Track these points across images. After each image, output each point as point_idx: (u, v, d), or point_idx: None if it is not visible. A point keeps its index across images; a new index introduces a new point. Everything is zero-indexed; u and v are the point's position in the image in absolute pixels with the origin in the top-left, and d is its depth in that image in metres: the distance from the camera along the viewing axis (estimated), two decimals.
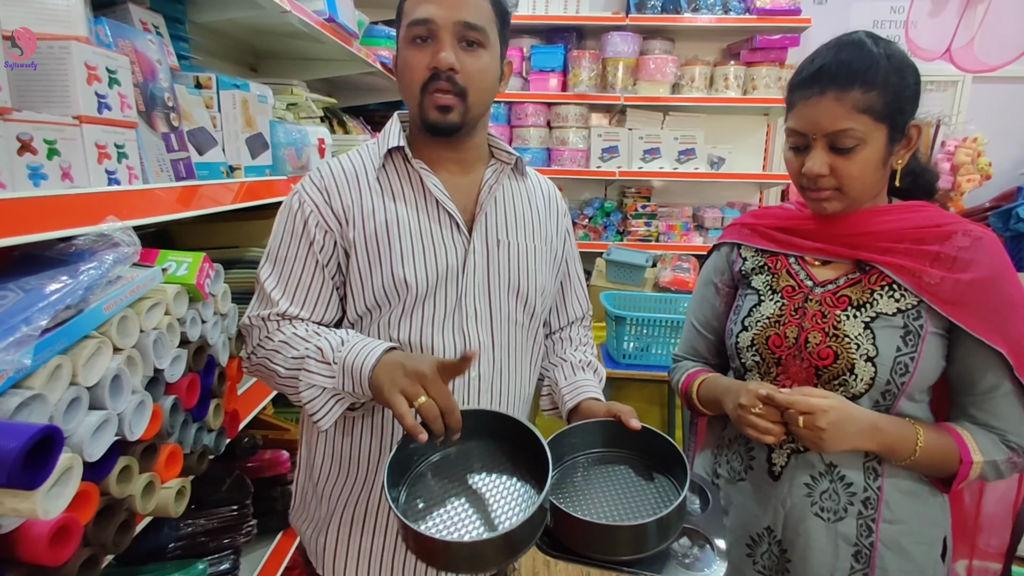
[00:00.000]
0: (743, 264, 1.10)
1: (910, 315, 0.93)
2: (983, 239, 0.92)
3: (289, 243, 0.99)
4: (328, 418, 0.90)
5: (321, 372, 0.89)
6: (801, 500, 0.98)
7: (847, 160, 0.91)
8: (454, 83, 0.93)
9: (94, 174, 0.86)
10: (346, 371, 0.87)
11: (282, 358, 0.93)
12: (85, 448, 0.72)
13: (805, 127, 0.93)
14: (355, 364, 0.86)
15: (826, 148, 0.92)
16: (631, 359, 2.54)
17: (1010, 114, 3.52)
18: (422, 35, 0.93)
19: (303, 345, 0.92)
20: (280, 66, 2.20)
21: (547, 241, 1.09)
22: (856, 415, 0.90)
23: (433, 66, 0.92)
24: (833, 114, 0.89)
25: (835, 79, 0.89)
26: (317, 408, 0.90)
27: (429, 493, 0.85)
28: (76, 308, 0.74)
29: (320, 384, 0.89)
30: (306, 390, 0.90)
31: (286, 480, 1.56)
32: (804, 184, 0.96)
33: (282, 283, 0.98)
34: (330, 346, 0.89)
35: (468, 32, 0.93)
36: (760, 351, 1.02)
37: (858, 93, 0.89)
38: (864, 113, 0.89)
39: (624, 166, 3.42)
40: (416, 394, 0.79)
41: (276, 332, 0.96)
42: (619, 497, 0.91)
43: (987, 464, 0.92)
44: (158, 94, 1.07)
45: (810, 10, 3.39)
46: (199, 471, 1.02)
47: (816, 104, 0.91)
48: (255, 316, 0.98)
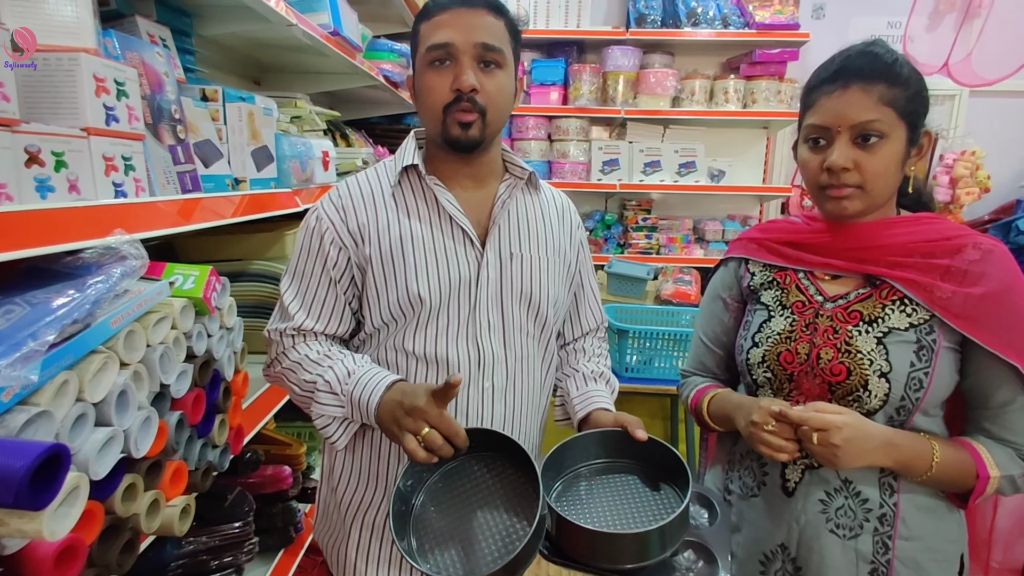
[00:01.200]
0: (752, 279, 1.10)
1: (922, 330, 0.92)
2: (993, 252, 0.91)
3: (307, 260, 1.03)
4: (342, 439, 0.97)
5: (331, 403, 0.95)
6: (816, 516, 0.97)
7: (871, 155, 0.91)
8: (475, 103, 0.96)
9: (101, 187, 0.85)
10: (354, 405, 0.93)
11: (296, 378, 1.00)
12: (91, 466, 0.71)
13: (829, 120, 0.92)
14: (361, 400, 0.92)
15: (850, 141, 0.92)
16: (634, 372, 2.53)
17: (1008, 128, 3.54)
18: (442, 58, 0.96)
19: (315, 370, 0.97)
20: (284, 79, 2.21)
21: (560, 253, 1.10)
22: (871, 431, 0.89)
23: (456, 88, 0.95)
24: (860, 104, 0.90)
25: (861, 73, 0.90)
26: (331, 432, 0.97)
27: (433, 531, 0.88)
28: (83, 323, 0.73)
29: (331, 414, 0.96)
30: (318, 418, 0.96)
31: (287, 496, 1.54)
32: (824, 182, 0.95)
33: (299, 297, 1.03)
34: (337, 379, 0.95)
35: (487, 53, 0.96)
36: (772, 367, 1.01)
37: (883, 87, 0.90)
38: (889, 106, 0.90)
39: (625, 179, 3.43)
40: (419, 428, 0.84)
41: (292, 350, 1.02)
42: (623, 506, 0.91)
43: (1004, 479, 0.90)
44: (165, 106, 1.06)
45: (809, 25, 3.42)
46: (203, 488, 1.00)
47: (841, 96, 0.91)
48: (273, 330, 1.04)
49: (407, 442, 0.84)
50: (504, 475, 0.91)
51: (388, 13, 2.57)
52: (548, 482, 0.94)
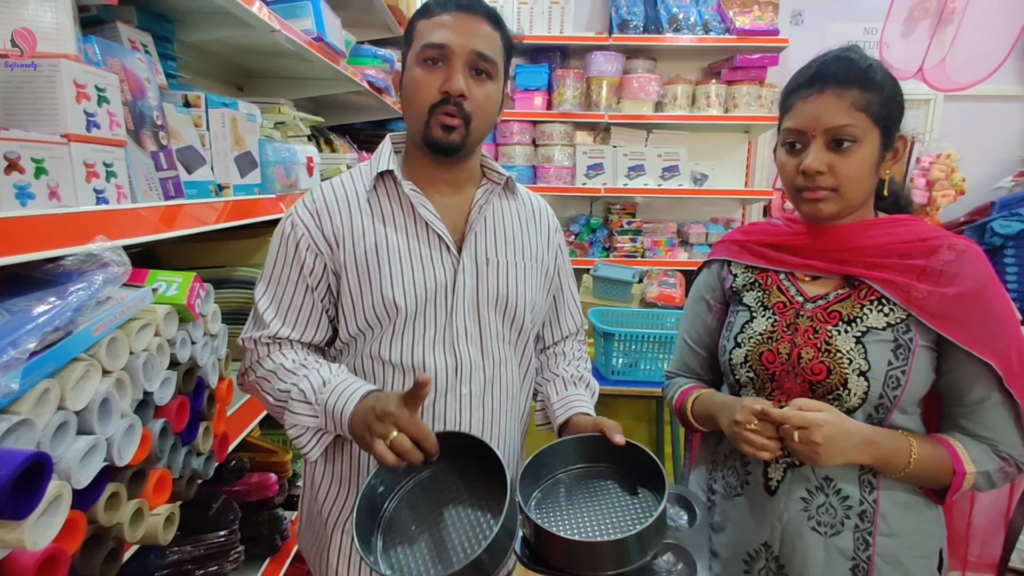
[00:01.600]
0: (734, 280, 1.11)
1: (899, 329, 0.94)
2: (967, 252, 0.94)
3: (282, 266, 1.01)
4: (314, 451, 0.96)
5: (304, 412, 0.94)
6: (798, 515, 0.98)
7: (844, 158, 0.93)
8: (461, 108, 0.95)
9: (82, 193, 0.84)
10: (328, 415, 0.92)
11: (271, 387, 0.98)
12: (73, 475, 0.70)
13: (805, 124, 0.94)
14: (335, 410, 0.91)
15: (824, 145, 0.94)
16: (620, 375, 2.54)
17: (982, 131, 3.62)
18: (435, 58, 0.95)
19: (289, 379, 0.96)
20: (267, 85, 2.20)
21: (537, 258, 1.10)
22: (851, 429, 0.91)
23: (444, 90, 0.94)
24: (834, 110, 0.92)
25: (835, 78, 0.92)
26: (303, 443, 0.95)
27: (402, 533, 0.88)
28: (64, 330, 0.72)
29: (304, 424, 0.94)
30: (291, 428, 0.95)
31: (273, 504, 1.53)
32: (800, 184, 0.97)
33: (274, 305, 1.01)
34: (312, 388, 0.94)
35: (480, 62, 0.96)
36: (754, 367, 1.02)
37: (857, 92, 0.92)
38: (862, 111, 0.92)
39: (609, 183, 3.45)
40: (387, 433, 0.83)
41: (266, 359, 1.00)
42: (602, 512, 0.92)
43: (980, 474, 0.93)
44: (147, 112, 1.06)
45: (788, 31, 3.48)
46: (188, 496, 0.99)
47: (816, 100, 0.93)
48: (248, 338, 1.01)
49: (376, 446, 0.83)
50: (477, 479, 0.91)
51: (372, 19, 2.58)
52: (527, 489, 0.94)
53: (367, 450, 0.87)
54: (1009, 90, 3.58)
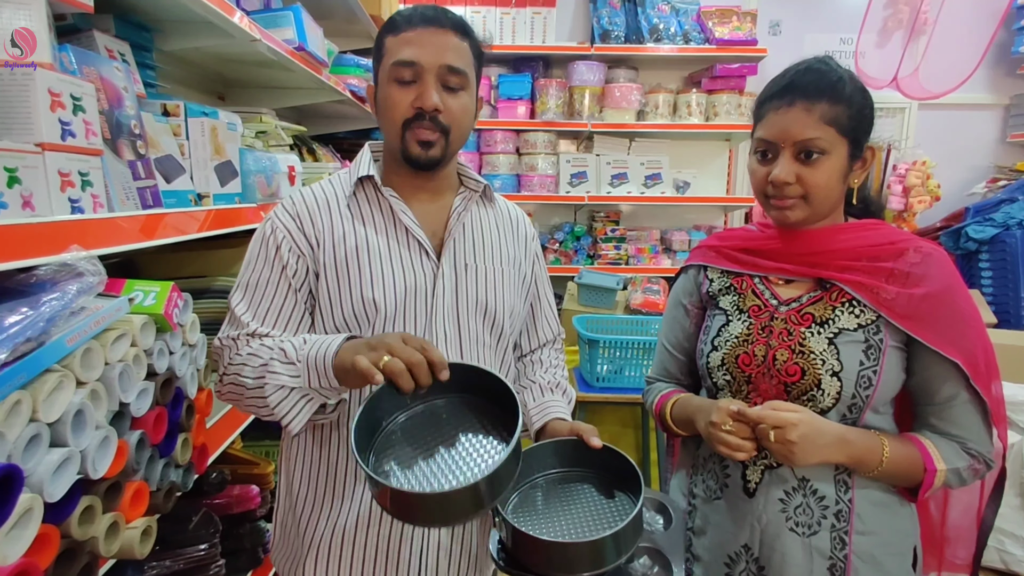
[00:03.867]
0: (710, 285, 1.13)
1: (870, 330, 0.96)
2: (933, 255, 0.96)
3: (262, 268, 1.00)
4: (298, 420, 0.90)
5: (286, 372, 0.89)
6: (776, 516, 0.99)
7: (812, 169, 0.95)
8: (437, 123, 0.96)
9: (56, 202, 0.84)
10: (310, 365, 0.88)
11: (250, 369, 0.93)
12: (45, 488, 0.69)
13: (774, 135, 0.96)
14: (317, 356, 0.87)
15: (793, 157, 0.96)
16: (605, 382, 2.55)
17: (955, 138, 3.71)
18: (406, 76, 0.96)
19: (267, 353, 0.93)
20: (248, 94, 2.19)
21: (515, 264, 1.11)
22: (825, 428, 0.92)
23: (418, 106, 0.96)
24: (803, 123, 0.94)
25: (805, 91, 0.94)
26: (286, 411, 0.90)
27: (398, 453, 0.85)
28: (37, 341, 0.71)
29: (286, 384, 0.89)
30: (273, 392, 0.89)
31: (255, 516, 1.51)
32: (769, 192, 0.99)
33: (253, 307, 0.99)
34: (293, 347, 0.91)
35: (451, 76, 0.97)
36: (730, 370, 1.04)
37: (825, 105, 0.94)
38: (830, 125, 0.94)
39: (593, 191, 3.48)
40: (379, 358, 0.80)
41: (244, 347, 0.97)
42: (579, 515, 0.92)
43: (950, 472, 0.94)
44: (124, 121, 1.05)
45: (766, 41, 3.54)
46: (166, 509, 0.98)
47: (786, 113, 0.95)
48: (225, 337, 0.99)
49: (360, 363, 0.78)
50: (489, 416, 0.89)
51: (354, 28, 2.59)
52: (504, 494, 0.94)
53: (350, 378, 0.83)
54: (981, 98, 3.66)
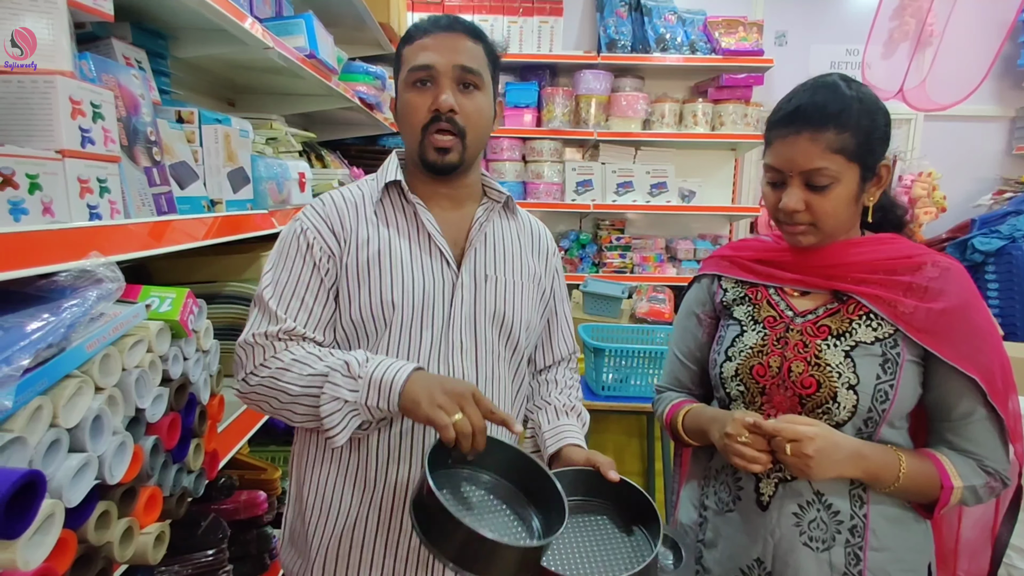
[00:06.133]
0: (724, 295, 1.13)
1: (887, 343, 0.96)
2: (951, 270, 0.96)
3: (293, 264, 1.01)
4: (344, 434, 0.91)
5: (347, 386, 0.90)
6: (790, 530, 0.99)
7: (821, 197, 0.95)
8: (454, 123, 0.98)
9: (76, 209, 0.84)
10: (372, 385, 0.89)
11: (295, 376, 0.93)
12: (64, 493, 0.69)
13: (782, 164, 0.96)
14: (384, 379, 0.88)
15: (801, 185, 0.96)
16: (610, 391, 2.55)
17: (961, 150, 3.71)
18: (422, 79, 0.98)
19: (326, 360, 0.93)
20: (258, 101, 2.21)
21: (534, 278, 1.11)
22: (841, 443, 0.92)
23: (434, 108, 0.97)
24: (808, 153, 0.93)
25: (810, 120, 0.93)
26: (335, 423, 0.90)
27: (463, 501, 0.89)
28: (58, 347, 0.71)
29: (344, 397, 0.90)
30: (328, 403, 0.90)
31: (262, 522, 1.51)
32: (781, 218, 1.00)
33: (284, 302, 0.99)
34: (356, 361, 0.91)
35: (465, 76, 0.98)
36: (744, 381, 1.03)
37: (832, 134, 0.93)
38: (837, 153, 0.93)
39: (598, 199, 3.49)
40: (453, 411, 0.83)
41: (285, 352, 0.96)
42: (593, 549, 0.91)
43: (967, 489, 0.94)
44: (141, 128, 1.06)
45: (772, 51, 3.55)
46: (178, 515, 0.98)
47: (792, 143, 0.95)
48: (259, 334, 0.97)
49: (439, 417, 0.83)
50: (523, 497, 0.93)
51: (363, 36, 2.60)
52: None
53: (420, 416, 0.86)
54: (988, 110, 3.67)
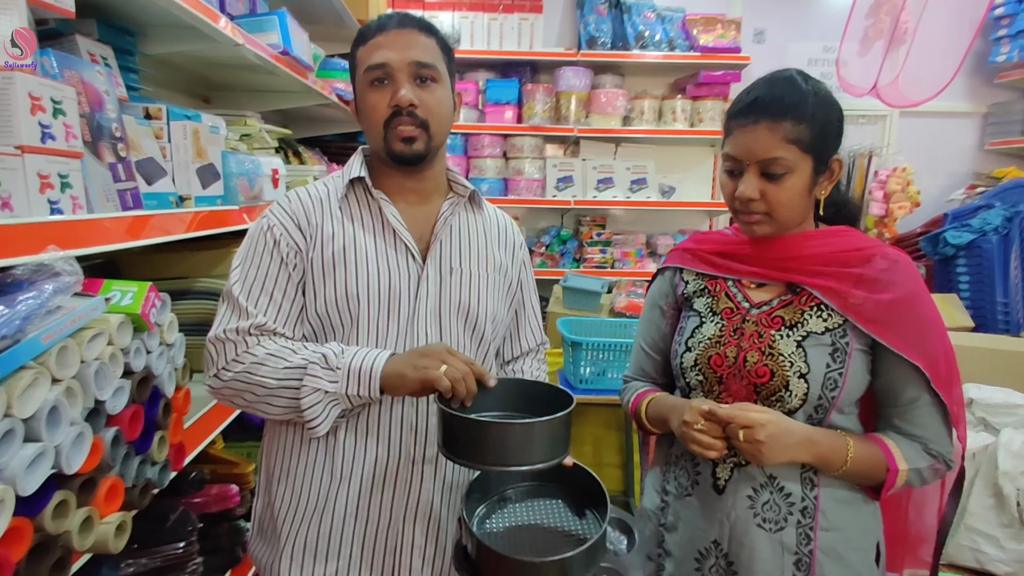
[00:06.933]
0: (685, 287, 1.16)
1: (837, 333, 0.99)
2: (899, 262, 0.99)
3: (261, 260, 1.01)
4: (326, 424, 0.94)
5: (326, 377, 0.93)
6: (744, 512, 1.02)
7: (776, 187, 0.97)
8: (415, 117, 0.99)
9: (35, 204, 0.85)
10: (352, 375, 0.92)
11: (271, 370, 0.94)
12: (19, 482, 0.70)
13: (739, 153, 0.99)
14: (363, 367, 0.92)
15: (757, 174, 0.98)
16: (588, 384, 2.57)
17: (935, 146, 3.77)
18: (379, 77, 1.00)
19: (301, 354, 0.95)
20: (234, 98, 2.20)
21: (500, 270, 1.13)
22: (792, 428, 0.95)
23: (394, 104, 0.99)
24: (765, 143, 0.96)
25: (768, 111, 0.96)
26: (317, 414, 0.93)
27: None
28: (12, 339, 0.72)
29: (324, 388, 0.93)
30: (309, 395, 0.93)
31: (234, 516, 1.51)
32: (737, 207, 1.02)
33: (254, 297, 1.00)
34: (333, 353, 0.95)
35: (421, 70, 1.00)
36: (703, 370, 1.06)
37: (788, 125, 0.95)
38: (793, 144, 0.96)
39: (579, 195, 3.51)
40: (438, 366, 0.88)
41: (258, 347, 0.97)
42: (546, 531, 0.94)
43: (912, 471, 0.97)
44: (105, 124, 1.06)
45: (749, 49, 3.59)
46: (141, 505, 0.99)
47: (750, 132, 0.97)
48: (230, 330, 0.97)
49: (428, 373, 0.87)
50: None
51: (342, 33, 2.60)
52: (472, 505, 0.96)
53: (407, 388, 0.90)
54: (961, 107, 3.73)
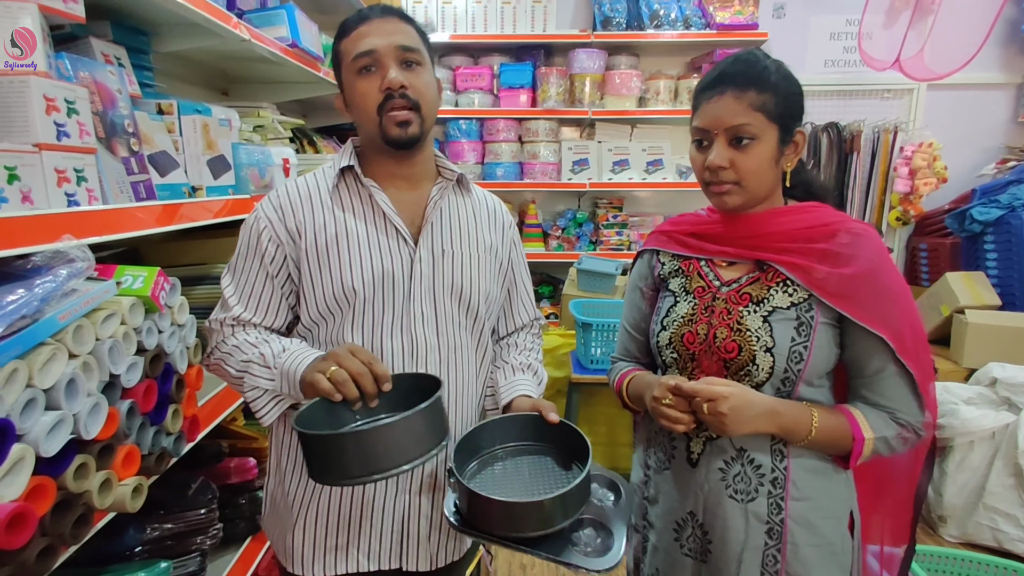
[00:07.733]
0: (662, 268, 1.19)
1: (802, 308, 1.02)
2: (862, 236, 1.01)
3: (246, 256, 1.09)
4: (269, 416, 1.02)
5: (263, 376, 1.01)
6: (717, 484, 1.06)
7: (744, 154, 1.00)
8: (407, 99, 1.04)
9: (53, 197, 0.94)
10: (283, 375, 0.99)
11: (234, 361, 1.05)
12: (41, 444, 0.79)
13: (708, 123, 1.02)
14: (289, 369, 0.98)
15: (726, 143, 1.01)
16: (598, 364, 2.62)
17: (963, 120, 3.64)
18: (367, 65, 1.04)
19: (250, 351, 1.03)
20: (251, 89, 2.29)
21: (491, 251, 1.17)
22: (755, 400, 0.98)
23: (386, 87, 1.03)
24: (732, 110, 0.99)
25: (734, 80, 1.00)
26: (260, 407, 1.02)
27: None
28: (31, 318, 0.81)
29: (262, 386, 1.01)
30: (250, 391, 1.02)
31: (253, 487, 1.62)
32: (707, 179, 1.05)
33: (238, 291, 1.09)
34: (272, 353, 1.01)
35: (407, 54, 1.04)
36: (677, 348, 1.10)
37: (753, 93, 0.99)
38: (759, 111, 0.99)
39: (595, 178, 3.52)
40: (327, 368, 0.92)
41: (231, 337, 1.07)
42: (532, 483, 1.00)
43: (879, 440, 1.00)
44: (118, 121, 1.15)
45: (770, 24, 3.52)
46: (158, 472, 1.09)
47: (717, 102, 1.01)
48: (215, 320, 1.10)
49: (315, 379, 0.90)
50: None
51: None
52: (463, 462, 1.02)
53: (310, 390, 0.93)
54: (991, 78, 3.60)
